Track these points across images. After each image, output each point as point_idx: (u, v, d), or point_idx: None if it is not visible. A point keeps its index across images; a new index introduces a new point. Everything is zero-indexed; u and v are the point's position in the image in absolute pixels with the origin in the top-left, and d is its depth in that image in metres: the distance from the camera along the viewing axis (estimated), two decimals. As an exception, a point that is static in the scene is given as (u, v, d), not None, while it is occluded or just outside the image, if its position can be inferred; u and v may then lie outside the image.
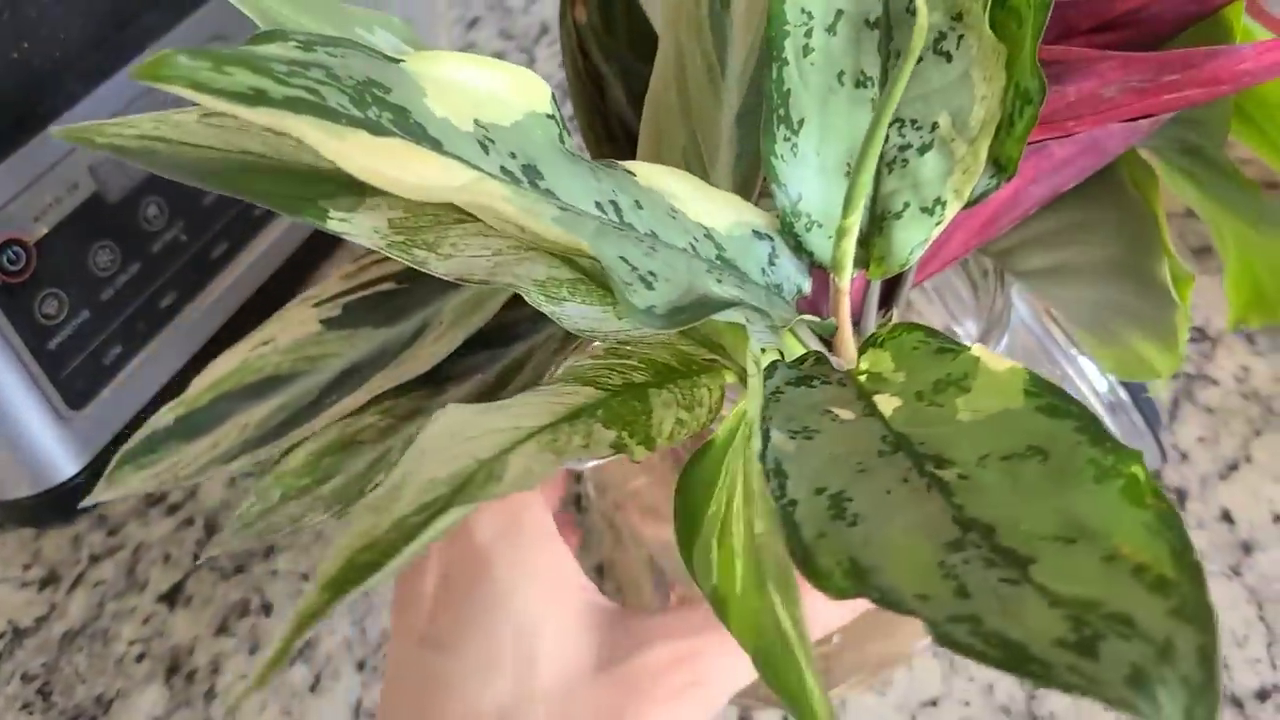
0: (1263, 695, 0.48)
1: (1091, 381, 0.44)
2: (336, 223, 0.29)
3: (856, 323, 0.35)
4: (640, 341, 0.32)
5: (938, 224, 0.30)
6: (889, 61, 0.30)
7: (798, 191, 0.31)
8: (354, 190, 0.29)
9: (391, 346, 0.36)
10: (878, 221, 0.31)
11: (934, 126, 0.30)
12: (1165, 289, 0.31)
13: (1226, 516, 0.54)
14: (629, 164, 0.30)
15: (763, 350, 0.32)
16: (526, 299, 0.31)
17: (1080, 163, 0.31)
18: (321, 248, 0.74)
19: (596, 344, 0.32)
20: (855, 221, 0.29)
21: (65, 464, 0.59)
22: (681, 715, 0.34)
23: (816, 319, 0.32)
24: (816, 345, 0.33)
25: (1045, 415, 0.26)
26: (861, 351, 0.31)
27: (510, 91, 0.27)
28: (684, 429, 0.29)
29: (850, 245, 0.30)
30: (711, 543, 0.26)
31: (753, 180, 0.33)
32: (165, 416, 0.37)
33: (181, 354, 0.64)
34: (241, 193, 0.28)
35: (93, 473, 0.62)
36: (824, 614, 0.36)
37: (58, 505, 0.61)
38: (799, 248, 0.31)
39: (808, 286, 0.32)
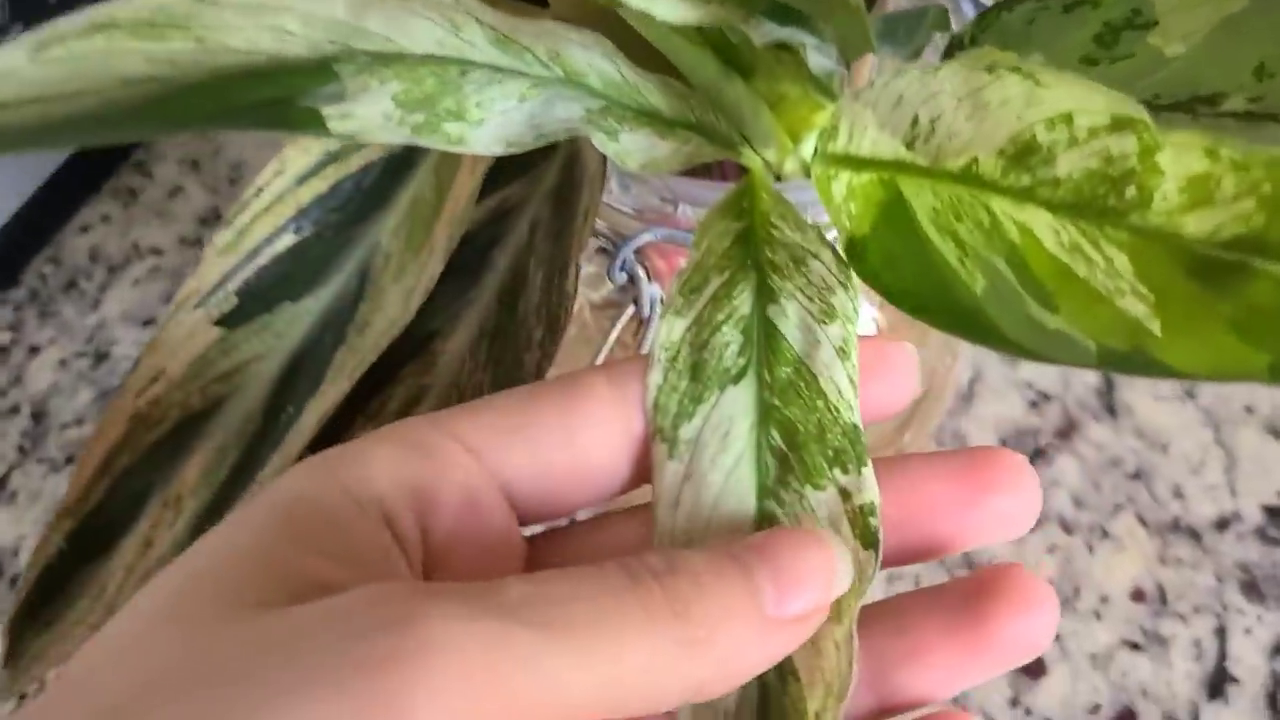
0: (1222, 524, 0.45)
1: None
2: (339, 122, 0.19)
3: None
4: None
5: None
6: None
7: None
8: (320, 74, 0.20)
9: (335, 314, 0.26)
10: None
11: None
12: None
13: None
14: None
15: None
16: (594, 142, 0.22)
17: None
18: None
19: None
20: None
21: None
22: None
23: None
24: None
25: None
26: (947, 58, 0.25)
27: None
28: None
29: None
30: (1036, 317, 0.20)
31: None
32: (50, 543, 0.25)
33: None
34: (185, 127, 0.18)
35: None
36: None
37: None
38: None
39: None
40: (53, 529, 0.25)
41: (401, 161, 0.26)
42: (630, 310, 0.29)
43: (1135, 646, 0.43)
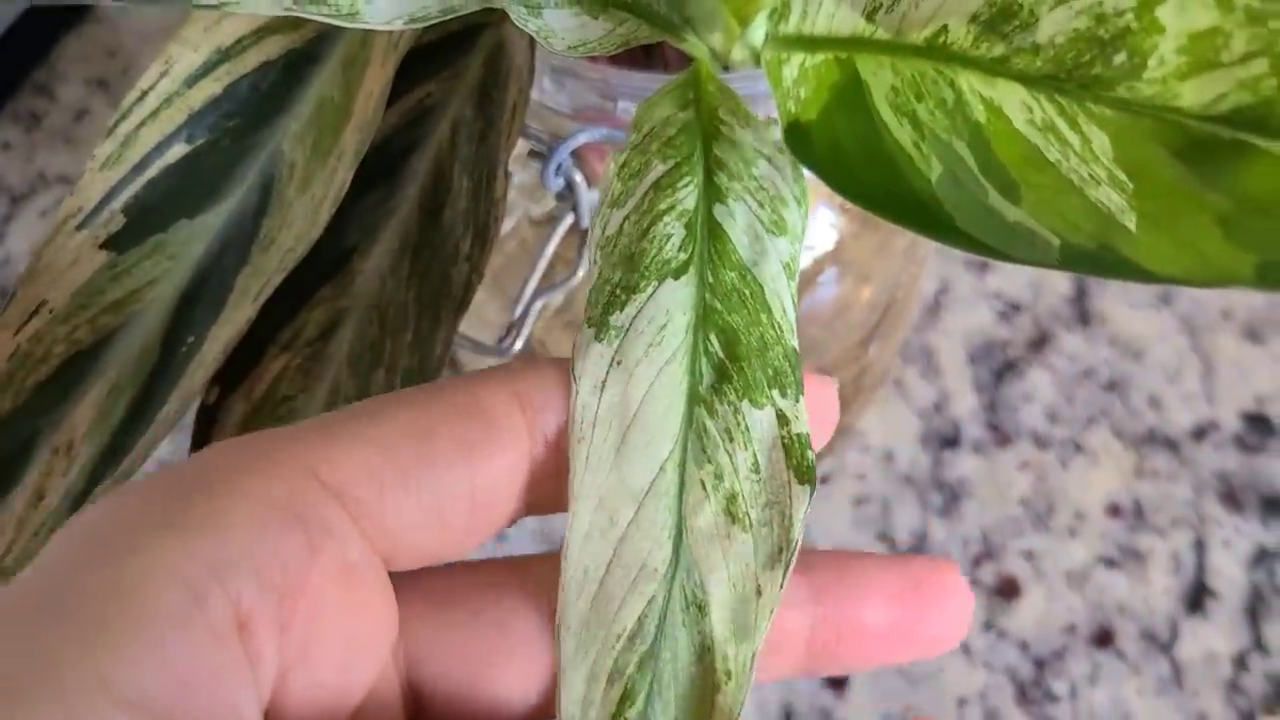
0: (1199, 434, 0.43)
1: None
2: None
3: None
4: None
5: None
6: None
7: None
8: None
9: (236, 231, 0.23)
10: None
11: None
12: None
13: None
14: None
15: None
16: (511, 16, 0.20)
17: None
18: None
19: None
20: None
21: None
22: None
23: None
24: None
25: None
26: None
27: None
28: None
29: None
30: (995, 208, 0.17)
31: None
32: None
33: None
34: None
35: None
36: None
37: None
38: None
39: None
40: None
41: (304, 58, 0.24)
42: (568, 221, 0.27)
43: (1112, 563, 0.41)
